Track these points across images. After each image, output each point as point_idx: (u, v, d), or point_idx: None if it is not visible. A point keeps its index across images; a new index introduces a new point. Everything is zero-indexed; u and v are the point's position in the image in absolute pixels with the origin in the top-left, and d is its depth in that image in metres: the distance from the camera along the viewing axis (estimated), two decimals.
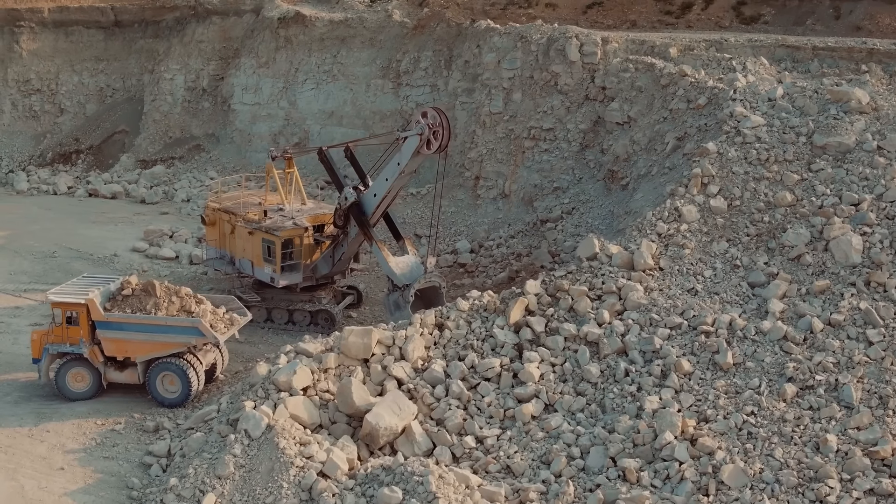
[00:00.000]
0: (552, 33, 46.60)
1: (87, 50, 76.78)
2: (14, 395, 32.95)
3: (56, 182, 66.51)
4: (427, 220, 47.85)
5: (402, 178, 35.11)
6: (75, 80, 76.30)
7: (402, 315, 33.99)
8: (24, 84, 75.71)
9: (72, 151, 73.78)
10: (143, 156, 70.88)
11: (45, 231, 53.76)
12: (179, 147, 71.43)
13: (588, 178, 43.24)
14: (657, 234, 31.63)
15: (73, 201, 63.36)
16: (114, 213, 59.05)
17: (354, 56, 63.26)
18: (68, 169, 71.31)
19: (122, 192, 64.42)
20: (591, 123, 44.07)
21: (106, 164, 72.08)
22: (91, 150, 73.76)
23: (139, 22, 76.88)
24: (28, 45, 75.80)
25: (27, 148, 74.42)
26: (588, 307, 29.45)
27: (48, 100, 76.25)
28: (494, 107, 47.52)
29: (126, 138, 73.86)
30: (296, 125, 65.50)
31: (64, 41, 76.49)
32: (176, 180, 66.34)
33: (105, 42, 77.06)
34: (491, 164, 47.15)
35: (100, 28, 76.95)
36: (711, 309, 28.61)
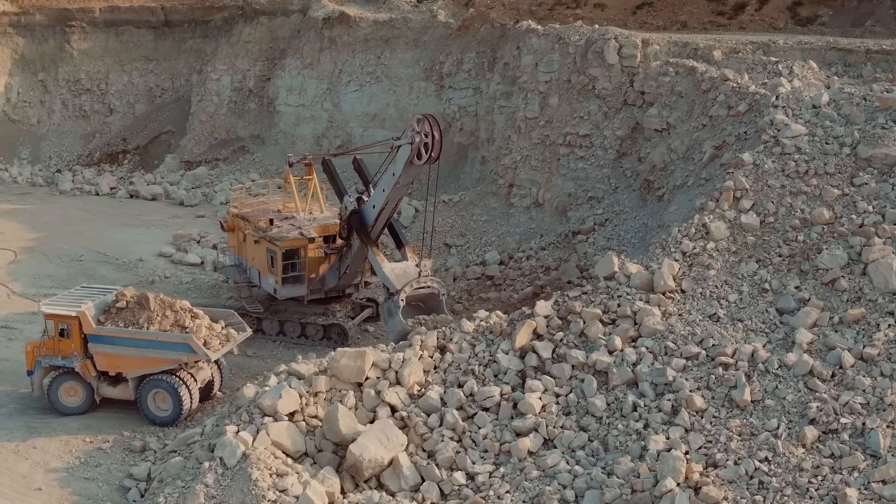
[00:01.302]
0: (591, 35, 44.21)
1: (136, 50, 76.62)
2: (10, 406, 32.03)
3: (98, 183, 66.02)
4: (459, 229, 46.04)
5: (399, 189, 32.94)
6: (125, 80, 76.13)
7: (395, 322, 32.03)
8: (74, 84, 75.76)
9: (119, 151, 73.51)
10: (187, 157, 70.21)
11: (77, 233, 53.13)
12: (224, 148, 70.59)
13: (624, 188, 40.76)
14: (681, 253, 29.10)
15: (112, 202, 62.83)
16: (150, 215, 58.30)
17: (398, 57, 61.63)
18: (114, 169, 71.07)
19: (162, 193, 63.77)
20: (628, 130, 41.57)
21: (151, 164, 71.62)
22: (137, 151, 73.44)
23: (189, 22, 76.47)
24: (79, 45, 75.83)
25: (76, 147, 74.38)
26: (600, 332, 27.09)
27: (98, 99, 76.23)
28: (530, 111, 45.28)
29: (172, 139, 73.37)
30: (339, 127, 64.07)
31: (114, 41, 76.42)
32: (217, 182, 65.36)
33: (155, 42, 76.86)
34: (525, 171, 44.91)
35: (150, 28, 76.76)
36: (733, 338, 26.02)
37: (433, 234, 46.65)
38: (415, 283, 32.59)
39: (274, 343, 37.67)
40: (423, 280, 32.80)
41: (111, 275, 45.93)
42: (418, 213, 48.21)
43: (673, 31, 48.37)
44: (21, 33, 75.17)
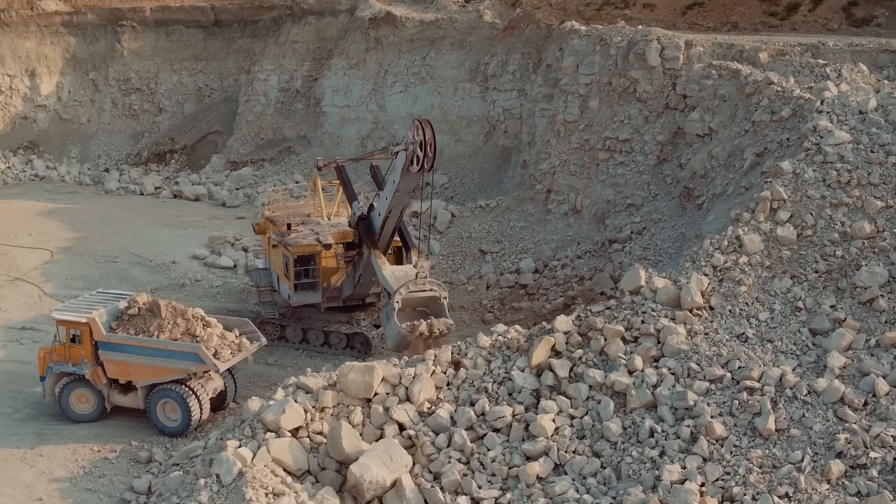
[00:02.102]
0: (633, 36, 42.55)
1: (186, 49, 76.66)
2: (24, 411, 31.61)
3: (143, 182, 65.96)
4: (495, 235, 44.82)
5: (400, 197, 31.64)
6: (174, 80, 76.19)
7: (391, 326, 30.96)
8: (124, 83, 76.02)
9: (166, 151, 73.54)
10: (233, 157, 69.92)
11: (115, 234, 52.95)
12: (270, 149, 70.18)
13: (664, 195, 39.08)
14: (712, 267, 27.49)
15: (155, 203, 62.66)
16: (190, 216, 57.98)
17: (443, 58, 60.54)
18: (160, 169, 71.04)
19: (205, 194, 63.43)
20: (669, 135, 39.86)
21: (198, 164, 71.47)
22: (185, 150, 73.41)
23: (238, 21, 76.37)
24: (129, 45, 76.06)
25: (125, 146, 74.60)
26: (620, 351, 25.59)
27: (147, 99, 76.41)
28: (569, 115, 43.78)
29: (219, 139, 73.18)
30: (383, 129, 63.13)
31: (164, 40, 76.55)
32: (261, 183, 64.87)
33: (204, 41, 76.84)
34: (563, 176, 43.42)
35: (200, 27, 76.77)
36: (761, 360, 24.35)
37: (478, 238, 45.89)
38: (411, 285, 31.22)
39: (297, 351, 36.80)
40: (420, 282, 31.32)
41: (143, 277, 45.58)
42: (455, 217, 46.97)
43: (723, 33, 46.49)
44: (73, 32, 75.60)
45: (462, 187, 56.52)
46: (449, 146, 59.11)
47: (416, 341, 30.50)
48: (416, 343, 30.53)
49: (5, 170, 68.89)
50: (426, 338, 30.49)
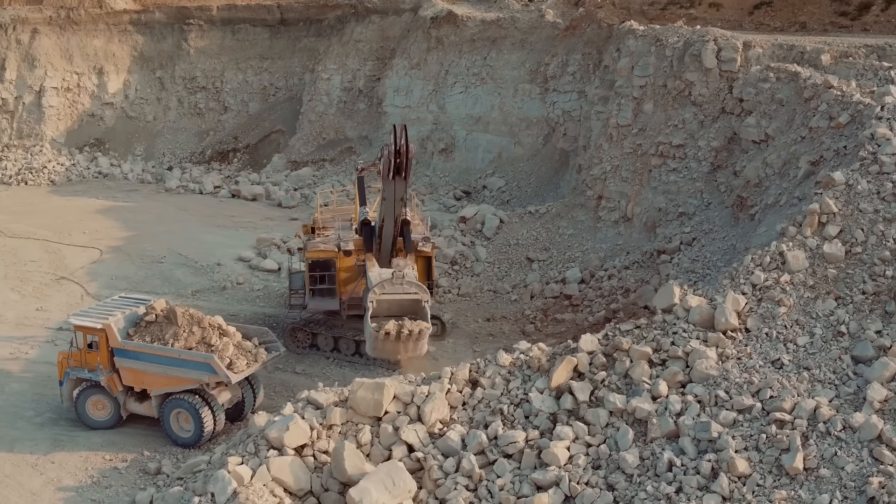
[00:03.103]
0: (690, 36, 40.46)
1: (252, 48, 76.56)
2: (45, 415, 31.21)
3: (203, 181, 65.78)
4: (543, 242, 43.29)
5: (387, 205, 30.28)
6: (240, 79, 76.15)
7: (365, 328, 29.67)
8: (190, 81, 76.19)
9: (229, 150, 73.49)
10: (294, 157, 69.47)
11: (167, 234, 52.71)
12: (331, 149, 69.56)
13: (717, 204, 37.00)
14: (751, 285, 25.51)
15: (212, 202, 62.41)
16: (244, 216, 57.53)
17: (504, 58, 59.11)
18: (222, 168, 70.93)
19: (263, 194, 62.93)
20: (724, 140, 37.76)
21: (260, 163, 71.25)
22: (247, 150, 73.27)
23: (303, 20, 75.97)
24: (196, 43, 76.20)
25: (190, 145, 74.75)
26: (645, 374, 23.84)
27: (213, 97, 76.50)
28: (622, 118, 41.89)
29: (282, 138, 72.87)
30: (443, 130, 61.97)
31: (230, 39, 76.56)
32: (320, 183, 64.18)
33: (270, 40, 76.68)
34: (615, 182, 41.55)
35: (266, 26, 76.65)
36: (795, 389, 22.35)
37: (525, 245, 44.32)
38: (387, 285, 29.67)
39: (327, 360, 35.69)
40: (396, 282, 29.69)
41: (187, 278, 45.11)
42: (503, 223, 45.43)
43: (790, 33, 44.13)
44: (140, 31, 76.05)
45: (518, 191, 55.00)
46: (507, 149, 57.80)
47: (387, 343, 29.01)
48: (388, 345, 29.10)
49: (70, 167, 69.46)
50: (395, 339, 28.89)
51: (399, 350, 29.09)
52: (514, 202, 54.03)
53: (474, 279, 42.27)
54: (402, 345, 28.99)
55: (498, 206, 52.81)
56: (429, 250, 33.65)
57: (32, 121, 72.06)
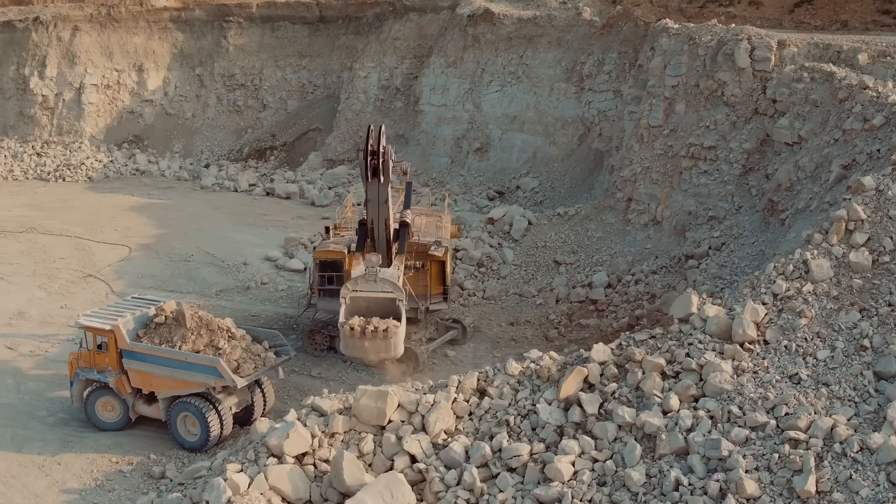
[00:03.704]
0: (724, 35, 39.22)
1: (291, 46, 76.48)
2: (58, 415, 31.01)
3: (238, 179, 65.65)
4: (571, 245, 42.39)
5: (371, 206, 29.55)
6: (278, 76, 76.05)
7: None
8: (229, 79, 76.29)
9: (267, 147, 73.41)
10: (330, 155, 69.12)
11: (197, 232, 52.59)
12: None
13: (747, 208, 35.80)
14: (772, 295, 24.40)
15: (246, 200, 62.27)
16: (276, 215, 57.29)
17: (540, 57, 58.24)
18: (259, 165, 70.85)
19: (297, 192, 62.62)
20: (757, 142, 36.53)
21: (296, 161, 71.08)
22: (284, 147, 73.13)
23: (342, 18, 75.80)
24: (235, 40, 76.26)
25: (228, 142, 74.78)
26: (657, 387, 22.88)
27: (251, 95, 76.52)
28: (653, 119, 40.80)
29: (319, 136, 72.63)
30: (478, 129, 61.19)
31: (269, 36, 76.52)
32: (355, 182, 63.71)
33: (309, 38, 76.52)
34: (645, 184, 40.46)
35: (305, 24, 76.55)
36: (812, 407, 21.25)
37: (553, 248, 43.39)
38: (360, 281, 28.81)
39: (344, 363, 35.03)
40: (369, 278, 28.76)
41: (212, 278, 44.88)
42: (531, 225, 44.52)
43: (830, 32, 42.71)
44: (181, 28, 76.26)
45: (552, 192, 54.07)
46: (542, 148, 56.91)
47: (357, 341, 28.14)
48: (359, 344, 28.22)
49: (108, 164, 69.77)
50: (361, 336, 28.01)
51: (370, 349, 28.22)
52: (546, 203, 53.13)
53: (500, 282, 41.45)
54: (372, 343, 28.05)
55: (530, 207, 52.02)
56: (440, 255, 32.81)
57: (72, 117, 72.52)
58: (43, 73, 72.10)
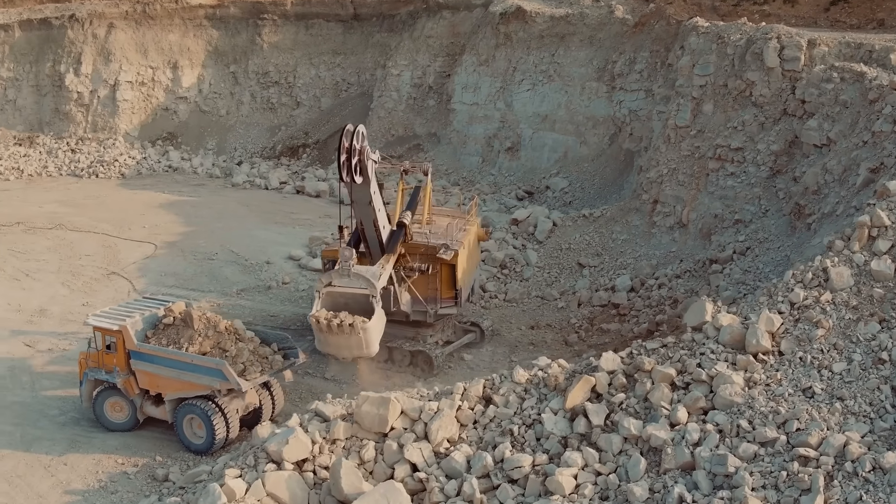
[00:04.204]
0: (753, 33, 38.19)
1: (325, 43, 76.27)
2: (69, 414, 30.88)
3: (269, 177, 65.47)
4: (595, 248, 41.65)
5: (356, 207, 29.31)
6: (312, 74, 75.87)
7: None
8: (263, 76, 76.24)
9: (299, 145, 73.22)
10: None
11: (223, 230, 52.45)
12: (399, 146, 68.54)
13: (774, 212, 34.80)
14: (789, 304, 23.53)
15: (275, 198, 62.03)
16: (303, 213, 56.95)
17: (572, 55, 57.38)
18: (291, 163, 70.63)
19: (326, 190, 62.26)
20: (785, 144, 35.49)
21: (329, 159, 70.68)
22: (317, 145, 72.85)
23: (376, 16, 75.45)
24: (269, 38, 76.20)
25: (261, 139, 74.74)
26: (665, 399, 22.13)
27: (285, 92, 76.41)
28: (681, 119, 39.86)
29: None
30: (509, 128, 60.44)
31: (304, 34, 76.35)
32: (385, 180, 63.12)
33: (343, 35, 76.27)
34: (671, 186, 39.56)
35: (339, 21, 76.33)
36: (825, 422, 20.37)
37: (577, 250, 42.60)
38: (334, 276, 28.46)
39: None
40: (342, 273, 28.35)
41: (234, 276, 44.64)
42: (556, 227, 43.78)
43: (867, 31, 41.49)
44: (215, 25, 76.35)
45: (581, 192, 53.21)
46: (573, 148, 56.11)
47: (328, 336, 27.84)
48: (331, 339, 27.92)
49: (141, 160, 69.89)
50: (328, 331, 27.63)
51: (341, 345, 27.85)
52: (576, 203, 52.31)
53: (522, 284, 40.79)
54: (341, 338, 27.58)
55: (559, 208, 51.29)
56: (448, 258, 32.17)
57: (107, 114, 72.89)
58: (78, 69, 72.51)
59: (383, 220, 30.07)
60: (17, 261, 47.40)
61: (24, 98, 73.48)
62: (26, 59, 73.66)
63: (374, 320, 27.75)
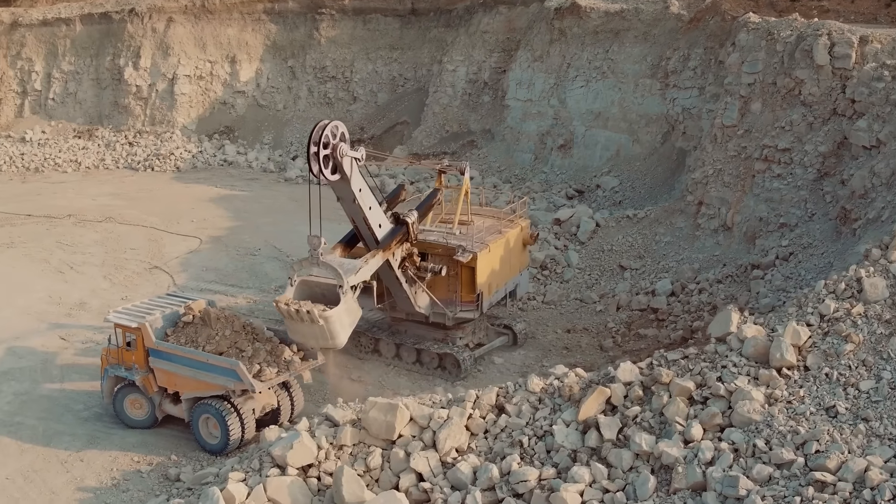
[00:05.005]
0: (804, 30, 36.65)
1: (382, 38, 75.93)
2: (93, 409, 30.84)
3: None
4: (638, 250, 40.54)
5: (343, 203, 29.14)
6: (369, 69, 75.59)
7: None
8: (320, 71, 76.20)
9: (355, 140, 72.43)
10: (416, 149, 68.17)
11: (269, 225, 52.43)
12: (454, 142, 67.95)
13: (820, 216, 33.34)
14: (819, 316, 22.29)
15: (326, 193, 61.24)
16: None
17: (626, 52, 56.13)
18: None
19: (377, 186, 61.61)
20: (833, 145, 33.97)
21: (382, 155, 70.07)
22: (371, 141, 72.35)
23: (434, 10, 75.06)
24: (327, 33, 76.10)
25: None
26: (681, 414, 21.07)
27: (342, 87, 76.32)
28: (727, 118, 38.48)
29: (406, 130, 71.83)
30: (562, 125, 59.40)
31: (361, 29, 76.11)
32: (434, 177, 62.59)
33: (400, 31, 75.89)
34: (716, 187, 38.23)
35: (396, 16, 75.98)
36: (846, 445, 19.14)
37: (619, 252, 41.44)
38: (304, 263, 28.05)
39: (387, 367, 33.98)
40: (312, 262, 27.89)
41: (274, 273, 44.50)
42: (599, 227, 42.69)
43: None
44: (274, 20, 76.52)
45: (632, 192, 51.94)
46: (626, 147, 54.86)
47: (296, 325, 27.06)
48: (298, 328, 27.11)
49: (196, 154, 70.27)
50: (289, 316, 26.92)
51: (306, 333, 27.09)
52: (626, 203, 51.07)
53: (562, 286, 39.82)
54: (303, 326, 26.83)
55: (609, 208, 50.16)
56: (465, 260, 31.32)
57: (165, 108, 73.47)
58: (137, 63, 73.21)
59: (377, 218, 29.42)
60: (64, 253, 47.83)
61: (84, 91, 74.42)
62: (87, 52, 74.58)
63: (335, 311, 26.86)
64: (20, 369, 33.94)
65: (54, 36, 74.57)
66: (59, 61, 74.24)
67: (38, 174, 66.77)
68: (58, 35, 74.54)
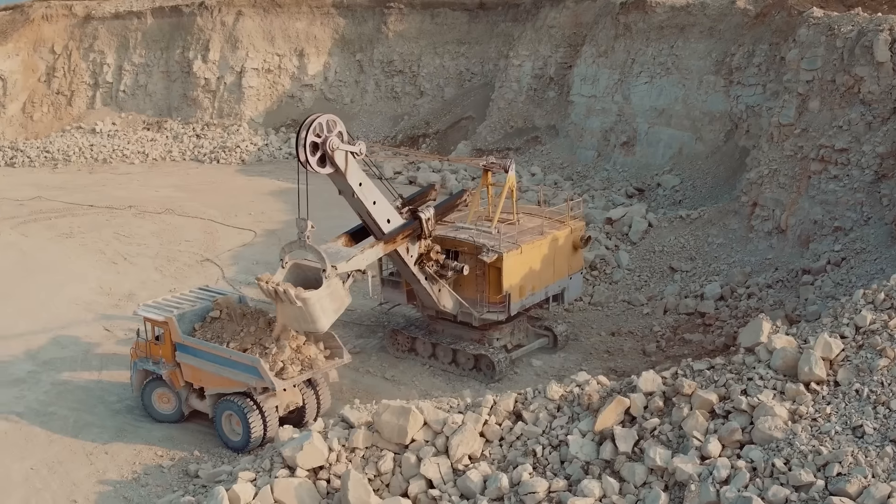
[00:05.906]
0: (865, 25, 35.02)
1: (450, 32, 75.68)
2: (126, 401, 31.03)
3: (383, 166, 65.07)
4: (689, 251, 39.44)
5: (345, 197, 28.90)
6: (436, 63, 75.39)
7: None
8: (387, 65, 76.18)
9: (420, 135, 72.72)
10: (480, 144, 67.60)
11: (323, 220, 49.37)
12: (518, 137, 67.28)
13: (876, 220, 31.79)
14: (854, 327, 21.08)
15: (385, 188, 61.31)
16: None
17: (691, 47, 54.70)
18: (410, 153, 70.03)
19: (438, 181, 61.27)
20: (892, 146, 32.36)
21: (447, 150, 70.03)
22: (437, 135, 72.18)
23: (501, 5, 74.67)
24: (394, 27, 75.99)
25: (384, 128, 74.63)
26: (700, 428, 20.08)
27: (409, 81, 76.19)
28: (785, 117, 36.99)
29: (471, 125, 71.39)
30: (626, 122, 58.19)
31: (429, 23, 75.95)
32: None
33: (468, 25, 75.60)
34: (771, 188, 36.79)
35: (465, 10, 75.84)
36: (870, 469, 17.93)
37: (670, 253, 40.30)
38: (294, 246, 27.61)
39: (423, 367, 33.45)
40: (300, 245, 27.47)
41: None
42: (651, 227, 41.54)
43: None
44: (342, 14, 76.72)
45: (693, 191, 50.55)
46: (688, 144, 53.46)
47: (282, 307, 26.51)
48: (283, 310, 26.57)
49: (262, 147, 70.66)
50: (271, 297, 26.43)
51: (290, 316, 26.52)
52: (686, 202, 49.70)
53: (610, 287, 38.83)
54: (287, 308, 26.28)
55: (669, 207, 48.89)
56: (489, 260, 30.51)
57: (233, 101, 74.15)
58: (206, 56, 73.97)
59: (384, 212, 28.97)
60: (120, 244, 48.40)
61: (154, 84, 75.46)
62: (157, 45, 75.62)
63: (314, 293, 26.24)
64: (62, 359, 34.33)
65: (126, 29, 75.74)
66: (130, 54, 75.40)
67: (105, 165, 67.86)
68: (129, 28, 75.70)
